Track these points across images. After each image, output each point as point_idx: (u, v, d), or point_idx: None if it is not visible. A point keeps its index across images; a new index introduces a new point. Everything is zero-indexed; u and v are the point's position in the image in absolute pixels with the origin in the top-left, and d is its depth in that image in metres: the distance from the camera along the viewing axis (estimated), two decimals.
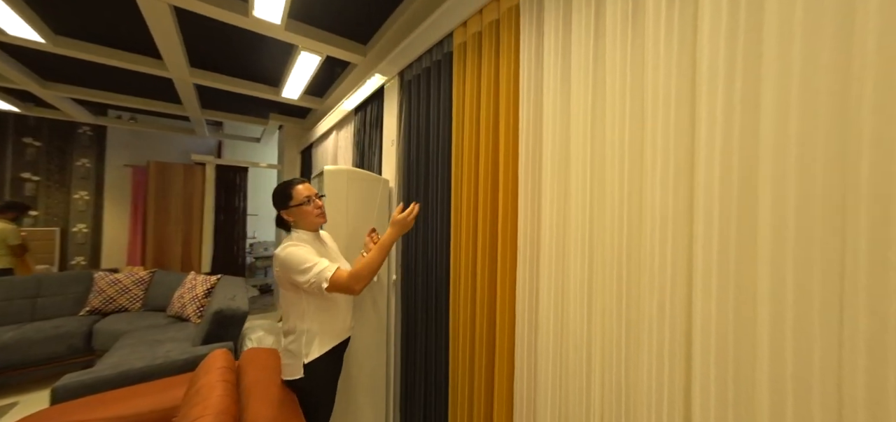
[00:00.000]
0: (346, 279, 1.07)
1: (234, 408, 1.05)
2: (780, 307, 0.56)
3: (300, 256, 1.09)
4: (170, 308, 2.60)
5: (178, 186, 3.72)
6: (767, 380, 0.57)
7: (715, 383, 0.63)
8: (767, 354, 0.57)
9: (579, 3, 0.90)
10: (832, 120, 0.52)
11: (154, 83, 2.84)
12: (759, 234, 0.59)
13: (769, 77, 0.58)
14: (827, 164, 0.52)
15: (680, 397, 0.69)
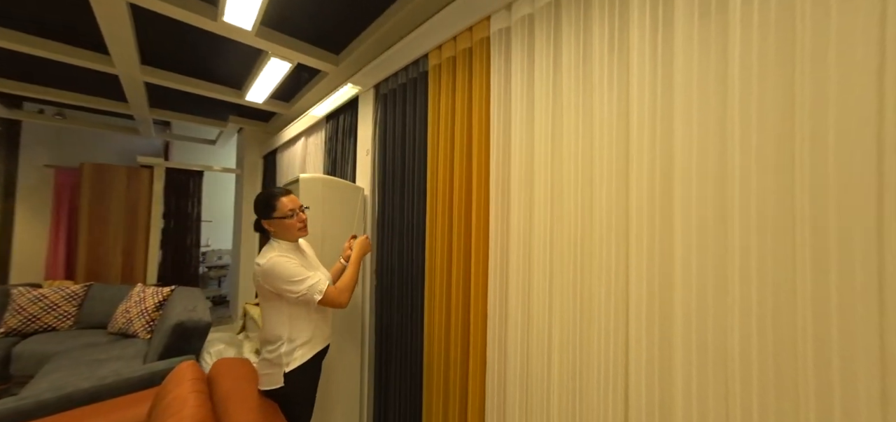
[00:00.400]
0: (337, 294, 1.18)
1: (210, 418, 1.05)
2: (688, 289, 0.75)
3: (290, 269, 1.13)
4: (112, 324, 2.36)
5: (120, 191, 3.37)
6: (681, 345, 0.75)
7: (646, 349, 0.81)
8: (681, 323, 0.76)
9: (541, 43, 1.07)
10: (715, 150, 0.72)
11: (91, 77, 2.58)
12: (675, 234, 0.77)
13: (679, 113, 0.78)
14: (717, 181, 0.72)
15: (621, 362, 0.86)
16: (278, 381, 1.14)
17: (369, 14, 1.76)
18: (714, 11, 0.72)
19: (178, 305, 2.03)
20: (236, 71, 2.53)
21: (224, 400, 1.14)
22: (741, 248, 0.67)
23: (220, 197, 5.04)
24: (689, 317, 0.74)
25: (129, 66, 2.28)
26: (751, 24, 0.66)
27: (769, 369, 0.64)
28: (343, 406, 1.72)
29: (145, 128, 3.70)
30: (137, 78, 2.48)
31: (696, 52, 0.74)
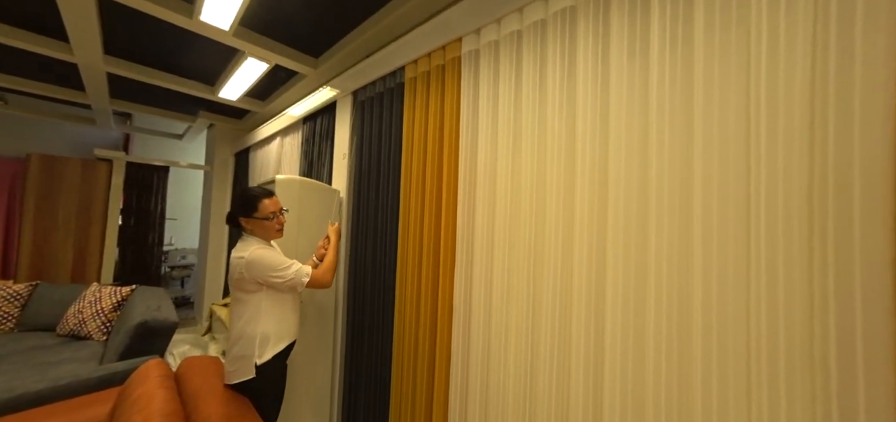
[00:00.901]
0: (321, 274, 1.31)
1: (181, 412, 1.07)
2: (616, 284, 0.89)
3: (274, 258, 1.21)
4: (62, 326, 2.22)
5: (73, 185, 3.15)
6: (609, 331, 0.89)
7: (584, 338, 0.95)
8: (610, 314, 0.90)
9: (505, 67, 1.20)
10: (638, 164, 0.88)
11: (41, 62, 2.42)
12: (607, 236, 0.92)
13: (613, 133, 0.92)
14: (640, 190, 0.88)
15: (564, 348, 1.00)
16: (250, 372, 1.17)
17: (349, 22, 1.82)
18: (638, 53, 0.88)
19: (140, 305, 1.96)
20: (209, 66, 2.48)
21: (194, 396, 1.15)
22: (656, 248, 0.82)
23: (186, 194, 4.81)
24: (617, 308, 0.89)
25: (91, 56, 2.19)
26: (664, 68, 0.82)
27: (673, 349, 0.79)
28: (314, 398, 1.75)
29: (103, 119, 3.49)
30: (99, 68, 2.37)
31: (625, 86, 0.90)
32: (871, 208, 0.55)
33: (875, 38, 0.56)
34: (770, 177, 0.65)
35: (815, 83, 0.61)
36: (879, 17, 0.55)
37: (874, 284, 0.55)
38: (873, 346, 0.55)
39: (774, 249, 0.64)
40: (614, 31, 0.91)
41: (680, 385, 0.76)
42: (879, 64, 0.55)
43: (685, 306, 0.77)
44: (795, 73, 0.63)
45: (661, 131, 0.81)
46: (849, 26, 0.58)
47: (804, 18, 0.62)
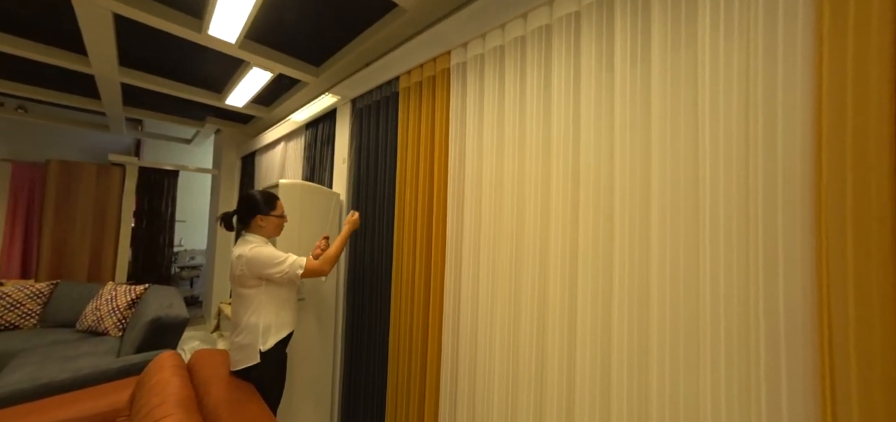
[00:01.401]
0: (318, 265, 1.36)
1: (193, 397, 1.18)
2: (585, 284, 0.97)
3: (271, 253, 1.30)
4: (81, 322, 2.36)
5: (89, 189, 3.30)
6: (580, 327, 0.98)
7: (558, 327, 1.03)
8: (580, 313, 0.98)
9: (490, 78, 1.28)
10: (606, 170, 0.96)
11: (59, 73, 2.57)
12: (579, 239, 1.00)
13: (584, 142, 1.01)
14: (606, 192, 0.96)
15: (539, 341, 1.08)
16: (254, 357, 1.27)
17: (348, 33, 1.92)
18: (604, 68, 0.96)
19: (153, 303, 2.08)
20: (216, 74, 2.61)
21: (204, 383, 1.26)
22: (619, 243, 0.91)
23: (194, 197, 4.97)
24: (586, 301, 0.97)
25: (107, 67, 2.32)
26: (625, 82, 0.90)
27: (634, 333, 0.87)
28: (315, 388, 1.86)
29: (117, 125, 3.65)
30: (114, 79, 2.51)
31: (592, 101, 0.98)
32: (791, 212, 0.63)
33: (794, 62, 0.64)
34: (713, 183, 0.73)
35: (748, 105, 0.69)
36: (797, 46, 0.63)
37: (795, 275, 0.63)
38: (793, 327, 0.63)
39: (717, 246, 0.72)
40: (584, 47, 0.99)
41: (640, 364, 0.85)
42: (797, 86, 0.63)
43: (643, 296, 0.85)
44: (733, 91, 0.71)
45: (624, 139, 0.90)
46: (773, 52, 0.66)
47: (738, 46, 0.71)
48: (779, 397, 0.63)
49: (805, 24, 0.63)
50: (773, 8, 0.67)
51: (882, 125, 0.54)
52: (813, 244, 0.61)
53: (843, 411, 0.56)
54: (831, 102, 0.58)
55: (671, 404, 0.77)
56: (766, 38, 0.67)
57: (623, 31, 0.90)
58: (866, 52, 0.55)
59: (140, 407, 1.13)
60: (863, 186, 0.55)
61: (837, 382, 0.57)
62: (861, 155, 0.55)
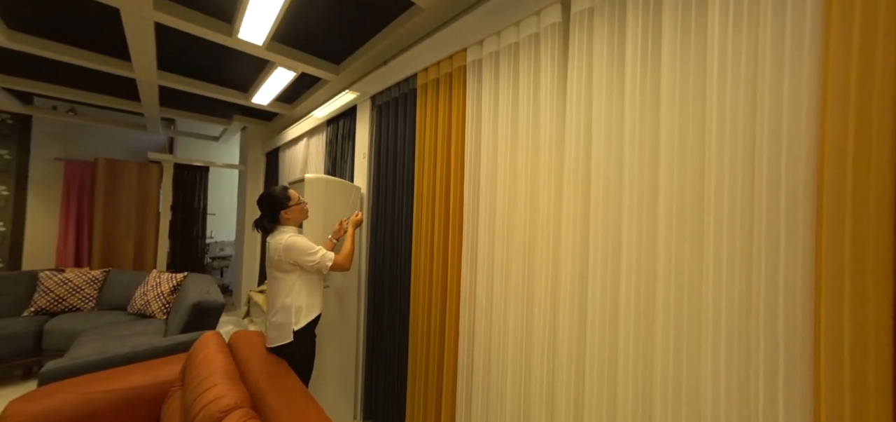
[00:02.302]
0: (342, 260, 1.51)
1: (236, 371, 1.32)
2: (595, 276, 1.02)
3: (306, 243, 1.44)
4: (131, 305, 2.61)
5: (131, 184, 3.59)
6: (590, 313, 1.03)
7: (568, 317, 1.09)
8: (590, 301, 1.03)
9: (506, 75, 1.32)
10: (615, 169, 0.99)
11: (104, 78, 2.79)
12: (590, 234, 1.05)
13: (595, 140, 1.04)
14: (616, 193, 1.00)
15: (549, 327, 1.14)
16: (288, 336, 1.41)
17: (367, 32, 2.00)
18: (616, 64, 0.99)
19: (193, 289, 2.28)
20: (243, 74, 2.76)
21: (245, 360, 1.40)
22: (627, 239, 0.95)
23: (223, 191, 5.26)
24: (596, 288, 1.02)
25: (147, 71, 2.51)
26: (635, 79, 0.93)
27: (640, 318, 0.91)
28: (339, 370, 1.99)
29: (153, 125, 3.92)
30: (153, 82, 2.70)
31: (604, 97, 1.01)
32: (793, 210, 0.66)
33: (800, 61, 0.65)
34: (718, 178, 0.76)
35: (755, 103, 0.71)
36: (804, 48, 0.65)
37: (795, 271, 0.65)
38: (792, 319, 0.66)
39: (720, 240, 0.75)
40: (596, 45, 1.02)
41: (645, 350, 0.89)
42: (803, 85, 0.65)
43: (650, 287, 0.89)
44: (740, 88, 0.73)
45: (634, 135, 0.93)
46: (780, 46, 0.67)
47: (747, 38, 0.72)
48: (776, 385, 0.67)
49: (813, 18, 0.64)
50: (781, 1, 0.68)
51: (884, 129, 0.56)
52: (813, 242, 0.63)
53: (836, 400, 0.59)
54: (835, 103, 0.60)
55: (674, 392, 0.81)
56: (774, 32, 0.68)
57: (635, 27, 0.92)
58: (872, 52, 0.57)
59: (191, 378, 1.28)
60: (863, 187, 0.58)
61: (831, 372, 0.60)
62: (862, 157, 0.58)
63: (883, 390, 0.56)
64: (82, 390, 1.27)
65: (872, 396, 0.57)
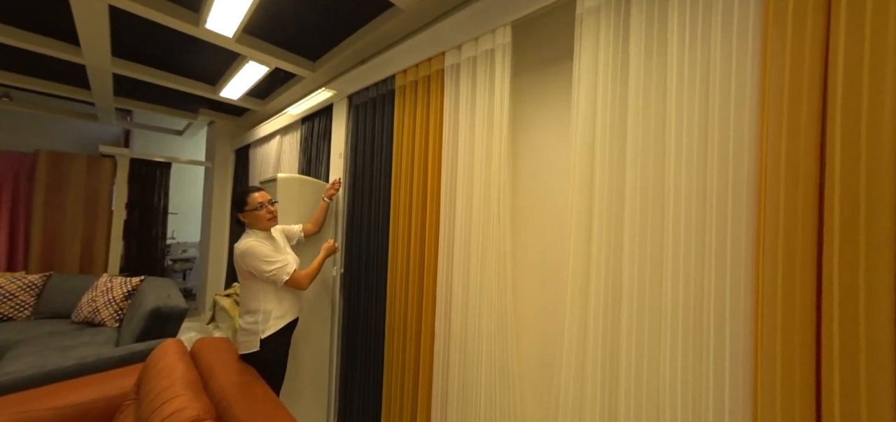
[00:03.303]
0: (300, 279, 1.43)
1: (199, 380, 1.24)
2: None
3: (261, 251, 1.35)
4: (76, 313, 2.38)
5: (79, 180, 3.27)
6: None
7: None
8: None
9: (482, 80, 1.35)
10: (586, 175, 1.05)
11: (46, 61, 2.52)
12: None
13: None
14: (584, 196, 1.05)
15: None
16: (255, 345, 1.35)
17: (344, 30, 1.96)
18: (590, 86, 1.04)
19: (151, 294, 2.12)
20: (211, 66, 2.60)
21: (209, 368, 1.32)
22: (596, 248, 1.00)
23: (187, 189, 4.93)
24: (567, 298, 1.06)
25: (100, 58, 2.30)
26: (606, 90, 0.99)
27: (608, 316, 0.96)
28: (313, 376, 1.93)
29: (106, 116, 3.60)
30: (107, 69, 2.49)
31: (580, 108, 1.06)
32: (738, 212, 0.73)
33: (744, 78, 0.73)
34: (677, 181, 0.83)
35: (708, 112, 0.78)
36: (747, 64, 0.72)
37: (739, 266, 0.72)
38: (736, 309, 0.73)
39: (678, 238, 0.82)
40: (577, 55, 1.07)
41: (613, 340, 0.94)
42: (746, 99, 0.72)
43: (617, 283, 0.94)
44: (695, 98, 0.80)
45: (603, 143, 0.98)
46: (728, 64, 0.75)
47: (701, 54, 0.79)
48: (723, 368, 0.73)
49: (754, 38, 0.72)
50: (729, 24, 0.76)
51: (810, 139, 0.64)
52: (754, 240, 0.70)
53: (769, 378, 0.66)
54: (771, 117, 0.68)
55: (636, 390, 0.87)
56: (724, 51, 0.75)
57: (606, 46, 0.98)
58: (801, 66, 0.65)
59: (148, 390, 1.19)
60: (792, 190, 0.65)
61: (766, 355, 0.67)
62: (792, 165, 0.65)
63: (808, 383, 0.63)
64: (16, 409, 1.14)
65: (798, 389, 0.64)
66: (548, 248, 1.15)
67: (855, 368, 0.59)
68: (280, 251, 1.46)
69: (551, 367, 1.09)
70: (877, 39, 0.59)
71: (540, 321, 1.14)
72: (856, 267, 0.59)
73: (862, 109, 0.59)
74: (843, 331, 0.60)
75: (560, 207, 1.13)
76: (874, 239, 0.58)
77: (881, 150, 0.58)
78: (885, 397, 0.56)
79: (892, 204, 0.57)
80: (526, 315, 1.19)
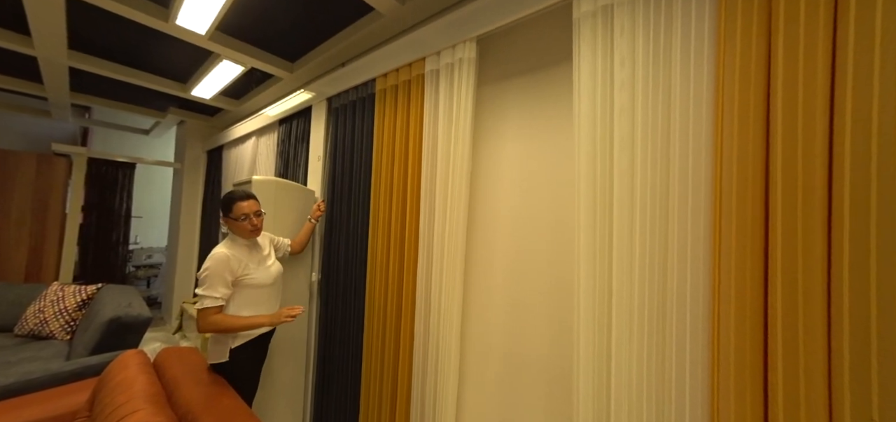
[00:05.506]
0: (204, 323, 1.23)
1: (162, 394, 1.17)
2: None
3: (211, 273, 1.24)
4: (20, 326, 2.17)
5: (27, 180, 3.00)
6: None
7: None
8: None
9: (458, 87, 1.38)
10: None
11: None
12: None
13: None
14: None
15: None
16: (225, 355, 1.29)
17: (324, 32, 1.93)
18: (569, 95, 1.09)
19: (109, 303, 1.97)
20: (182, 63, 2.49)
21: (174, 381, 1.25)
22: (586, 250, 1.04)
23: (153, 191, 4.65)
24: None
25: (54, 50, 2.15)
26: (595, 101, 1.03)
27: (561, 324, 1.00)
28: (287, 387, 1.86)
29: (60, 112, 3.34)
30: (62, 63, 2.32)
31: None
32: (697, 214, 0.79)
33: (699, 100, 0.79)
34: (642, 185, 0.88)
35: (669, 120, 0.84)
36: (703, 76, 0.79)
37: (698, 264, 0.78)
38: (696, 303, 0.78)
39: (644, 236, 0.87)
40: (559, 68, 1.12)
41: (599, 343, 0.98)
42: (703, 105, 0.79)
43: (564, 282, 0.99)
44: (658, 109, 0.86)
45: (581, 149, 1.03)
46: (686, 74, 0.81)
47: (664, 67, 0.86)
48: (683, 357, 0.79)
49: (709, 49, 0.78)
50: (686, 43, 0.82)
51: (758, 145, 0.71)
52: (711, 241, 0.76)
53: (724, 363, 0.72)
54: (726, 123, 0.74)
55: (619, 387, 0.91)
56: (683, 68, 0.82)
57: (592, 59, 1.02)
58: (748, 76, 0.72)
59: (103, 407, 1.11)
60: (742, 196, 0.71)
61: (723, 344, 0.72)
62: (742, 170, 0.71)
63: (757, 372, 0.69)
64: None
65: (748, 378, 0.70)
66: (554, 256, 1.18)
67: (794, 349, 0.65)
68: (256, 260, 1.39)
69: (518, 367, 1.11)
70: (808, 59, 0.66)
71: (530, 328, 1.16)
72: (795, 259, 0.66)
73: (798, 117, 0.66)
74: (785, 317, 0.67)
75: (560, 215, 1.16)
76: (809, 233, 0.65)
77: (814, 153, 0.65)
78: (819, 374, 0.63)
79: (824, 199, 0.64)
80: (511, 321, 1.21)
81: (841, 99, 0.63)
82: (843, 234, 0.62)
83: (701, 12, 0.80)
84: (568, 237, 1.10)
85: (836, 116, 0.64)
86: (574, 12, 1.05)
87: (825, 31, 0.65)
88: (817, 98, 0.65)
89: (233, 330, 1.28)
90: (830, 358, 0.63)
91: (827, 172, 0.64)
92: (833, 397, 0.63)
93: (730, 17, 0.76)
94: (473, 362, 1.30)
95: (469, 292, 1.33)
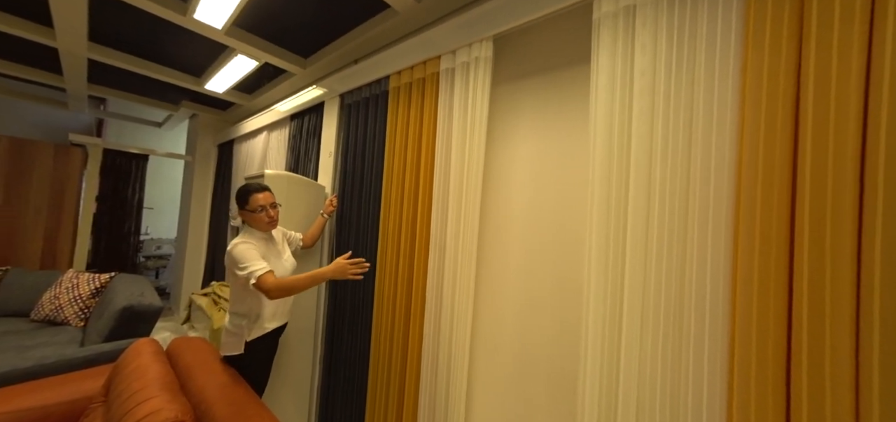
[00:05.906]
0: (268, 287, 1.21)
1: (176, 382, 1.18)
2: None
3: (243, 254, 1.26)
4: (36, 312, 2.22)
5: (45, 169, 3.07)
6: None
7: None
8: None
9: (474, 86, 1.37)
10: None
11: (10, 42, 2.36)
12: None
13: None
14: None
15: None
16: (239, 348, 1.30)
17: (338, 28, 1.94)
18: (585, 94, 1.08)
19: (122, 291, 2.01)
20: (196, 57, 2.52)
21: (187, 370, 1.26)
22: (601, 247, 1.03)
23: (164, 183, 4.72)
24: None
25: (75, 42, 2.19)
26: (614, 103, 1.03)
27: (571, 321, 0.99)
28: (294, 379, 1.88)
29: (77, 103, 3.41)
30: (82, 55, 2.36)
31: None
32: (719, 215, 0.78)
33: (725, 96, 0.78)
34: (662, 184, 0.87)
35: (692, 128, 0.83)
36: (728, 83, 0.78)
37: (719, 263, 0.77)
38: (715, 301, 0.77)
39: (662, 234, 0.86)
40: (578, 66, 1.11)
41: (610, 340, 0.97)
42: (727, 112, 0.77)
43: (577, 283, 0.98)
44: (680, 108, 0.85)
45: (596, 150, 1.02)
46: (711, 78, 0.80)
47: (686, 71, 0.84)
48: (701, 355, 0.78)
49: (734, 68, 0.77)
50: (712, 48, 0.81)
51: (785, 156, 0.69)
52: (731, 242, 0.75)
53: (744, 365, 0.71)
54: (750, 141, 0.73)
55: (615, 366, 0.90)
56: (707, 72, 0.81)
57: (612, 64, 1.02)
58: (776, 79, 0.70)
59: (119, 393, 1.12)
60: (767, 199, 0.70)
61: (742, 344, 0.71)
62: (767, 177, 0.70)
63: (779, 378, 0.68)
64: None
65: (771, 385, 0.68)
66: (567, 257, 1.17)
67: (820, 355, 0.64)
68: (274, 253, 1.41)
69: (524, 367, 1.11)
70: (841, 61, 0.65)
71: (542, 329, 1.16)
72: (823, 266, 0.64)
73: (830, 122, 0.65)
74: (810, 323, 0.65)
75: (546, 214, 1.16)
76: (838, 238, 0.63)
77: (845, 158, 0.63)
78: (847, 379, 0.61)
79: (855, 203, 0.62)
80: (524, 323, 1.21)
81: (875, 103, 0.62)
82: (875, 240, 0.60)
83: (728, 13, 0.79)
84: (581, 238, 1.09)
85: (870, 120, 0.62)
86: (594, 13, 1.04)
87: (860, 34, 0.63)
88: (851, 102, 0.63)
89: (298, 288, 1.26)
90: (858, 369, 0.62)
91: (859, 175, 0.63)
92: (860, 409, 0.61)
93: (759, 19, 0.74)
94: (483, 362, 1.29)
95: (480, 292, 1.33)
